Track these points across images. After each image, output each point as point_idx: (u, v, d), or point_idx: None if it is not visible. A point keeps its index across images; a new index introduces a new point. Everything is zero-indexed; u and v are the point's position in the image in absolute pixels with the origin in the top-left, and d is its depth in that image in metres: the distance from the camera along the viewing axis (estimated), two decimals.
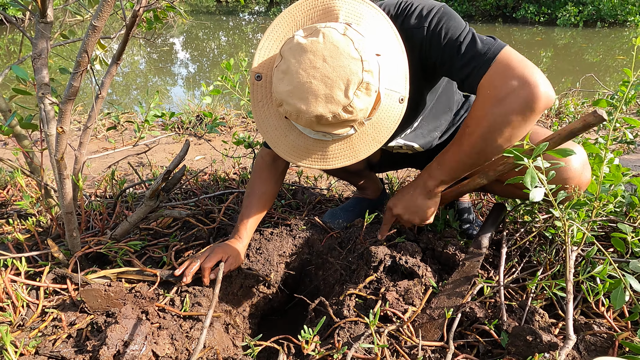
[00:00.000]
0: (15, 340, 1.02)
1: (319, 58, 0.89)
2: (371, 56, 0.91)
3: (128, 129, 3.08)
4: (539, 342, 0.94)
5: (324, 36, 0.89)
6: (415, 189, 1.22)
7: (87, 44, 0.98)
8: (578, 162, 1.10)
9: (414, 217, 1.24)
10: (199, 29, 12.12)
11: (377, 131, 1.02)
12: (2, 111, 1.49)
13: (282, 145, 1.06)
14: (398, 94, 0.99)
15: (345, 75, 0.88)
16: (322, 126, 0.94)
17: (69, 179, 1.17)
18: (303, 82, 0.90)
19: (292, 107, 0.92)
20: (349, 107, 0.90)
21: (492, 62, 0.99)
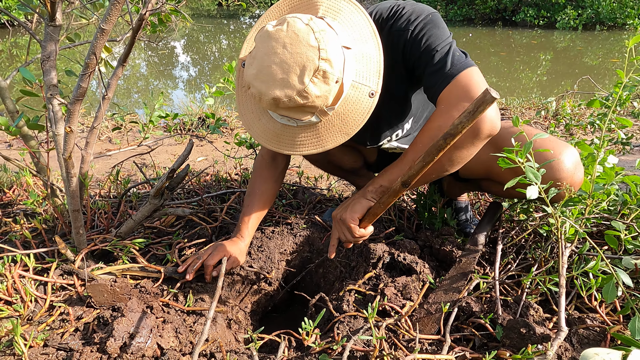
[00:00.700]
0: (25, 333, 1.06)
1: (280, 44, 0.94)
2: (333, 47, 0.94)
3: (131, 131, 3.11)
4: (532, 334, 0.97)
5: (287, 25, 0.95)
6: (355, 195, 1.24)
7: (95, 47, 1.02)
8: (570, 163, 1.13)
9: (344, 212, 1.19)
10: (200, 32, 12.18)
11: (344, 122, 1.05)
12: (10, 112, 1.53)
13: (255, 128, 1.13)
14: (368, 87, 1.03)
15: (302, 62, 0.93)
16: (282, 110, 0.99)
17: (76, 177, 1.20)
18: (265, 66, 0.96)
19: (256, 89, 0.98)
20: (303, 92, 0.94)
21: (453, 79, 1.04)
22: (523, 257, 1.35)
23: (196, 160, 2.67)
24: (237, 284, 1.40)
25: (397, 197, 1.08)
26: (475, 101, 0.81)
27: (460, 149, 1.05)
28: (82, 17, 1.78)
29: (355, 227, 1.18)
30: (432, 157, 0.90)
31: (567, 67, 7.39)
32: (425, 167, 0.93)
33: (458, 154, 1.06)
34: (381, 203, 1.13)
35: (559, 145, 1.15)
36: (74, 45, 1.44)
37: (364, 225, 1.19)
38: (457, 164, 1.09)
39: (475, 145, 1.05)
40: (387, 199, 1.10)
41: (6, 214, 1.69)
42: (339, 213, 1.22)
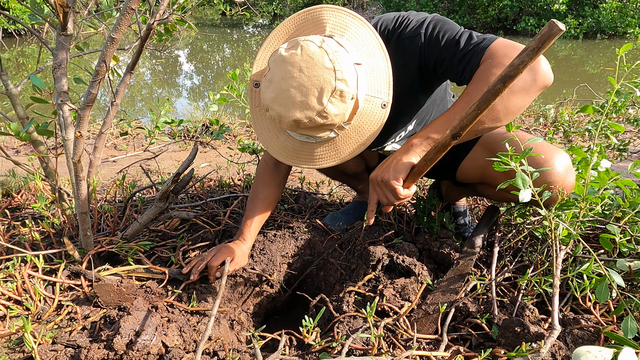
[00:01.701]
0: (34, 331, 1.09)
1: (296, 69, 0.98)
2: (347, 66, 0.99)
3: (136, 137, 3.16)
4: (527, 333, 1.00)
5: (301, 49, 0.99)
6: (397, 151, 1.16)
7: (105, 55, 1.06)
8: (562, 167, 1.17)
9: (386, 173, 1.12)
10: (204, 41, 12.32)
11: (360, 134, 1.10)
12: (20, 118, 1.58)
13: (274, 146, 1.17)
14: (380, 99, 1.07)
15: (319, 84, 0.97)
16: (302, 129, 1.04)
17: (84, 181, 1.24)
18: (283, 90, 1.00)
19: (275, 112, 1.02)
20: (323, 112, 0.99)
21: (489, 47, 1.04)
22: (520, 259, 1.38)
23: (200, 166, 2.72)
24: (240, 285, 1.43)
25: (445, 150, 1.00)
26: (540, 35, 0.74)
27: (517, 95, 1.01)
28: (90, 26, 1.83)
29: (399, 188, 1.10)
30: (488, 102, 0.84)
31: (568, 75, 7.44)
32: (479, 115, 0.87)
33: (514, 102, 1.02)
34: (427, 160, 1.05)
35: (551, 149, 1.18)
36: (83, 54, 1.49)
37: (407, 185, 1.12)
38: (511, 114, 1.04)
39: (530, 95, 1.02)
40: (435, 155, 1.02)
41: (15, 218, 1.73)
42: (380, 174, 1.14)
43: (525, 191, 1.02)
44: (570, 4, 11.84)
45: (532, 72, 1.00)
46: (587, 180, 1.19)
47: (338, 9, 1.10)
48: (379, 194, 1.17)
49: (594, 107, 1.29)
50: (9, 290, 1.18)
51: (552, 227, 1.09)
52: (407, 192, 1.12)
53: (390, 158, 1.15)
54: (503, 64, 0.99)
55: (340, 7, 1.10)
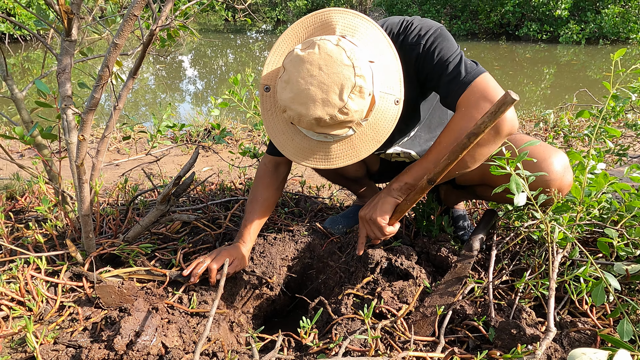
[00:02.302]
0: (36, 331, 1.11)
1: (315, 67, 1.00)
2: (364, 63, 1.01)
3: (139, 142, 3.19)
4: (523, 335, 1.00)
5: (319, 47, 1.00)
6: (381, 194, 1.30)
7: (108, 60, 1.09)
8: (559, 166, 1.18)
9: (373, 212, 1.26)
10: (208, 46, 12.41)
11: (375, 131, 1.11)
12: (25, 122, 1.60)
13: (289, 148, 1.17)
14: (393, 96, 1.09)
15: (340, 81, 0.99)
16: (322, 127, 1.05)
17: (87, 184, 1.26)
18: (302, 89, 1.01)
19: (294, 111, 1.03)
20: (344, 108, 1.00)
21: (470, 84, 1.11)
22: (517, 262, 1.38)
23: (202, 170, 2.74)
24: (240, 288, 1.44)
25: (423, 194, 1.16)
26: (497, 102, 0.89)
27: (482, 147, 1.11)
28: (95, 32, 1.86)
29: (385, 225, 1.25)
30: (456, 155, 0.98)
31: (570, 80, 7.45)
32: (450, 165, 1.01)
33: (480, 152, 1.12)
34: (408, 200, 1.20)
35: (548, 149, 1.20)
36: (87, 59, 1.51)
37: (392, 222, 1.26)
38: (478, 161, 1.15)
39: (496, 143, 1.11)
40: (414, 196, 1.18)
41: (19, 220, 1.75)
42: (367, 213, 1.28)
43: (519, 195, 1.03)
44: (573, 9, 11.87)
45: (495, 126, 1.08)
46: (584, 184, 1.20)
47: (346, 11, 1.12)
48: (368, 230, 1.31)
49: (590, 112, 1.30)
50: (12, 291, 1.19)
51: (548, 230, 1.10)
52: (392, 229, 1.27)
53: (376, 198, 1.30)
54: (473, 117, 1.09)
55: (348, 10, 1.12)
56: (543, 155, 1.18)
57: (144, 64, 9.02)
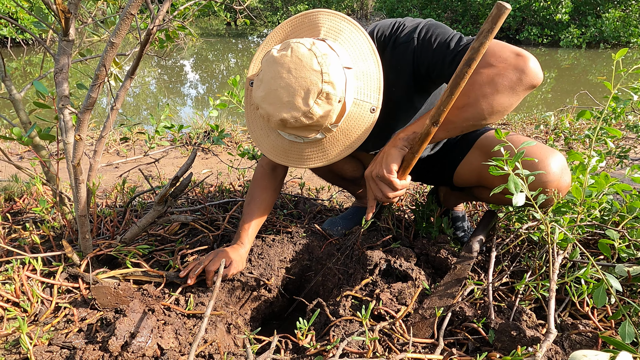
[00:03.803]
0: (30, 333, 1.09)
1: (285, 69, 1.01)
2: (335, 69, 1.01)
3: (138, 144, 3.19)
4: (523, 337, 0.99)
5: (292, 50, 1.01)
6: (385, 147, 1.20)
7: (105, 59, 1.08)
8: (557, 167, 1.17)
9: (378, 168, 1.16)
10: (209, 51, 12.44)
11: (347, 137, 1.12)
12: (23, 123, 1.60)
13: (265, 144, 1.20)
14: (369, 104, 1.09)
15: (306, 85, 0.99)
16: (289, 129, 1.06)
17: (84, 184, 1.25)
18: (272, 89, 1.03)
19: (264, 110, 1.05)
20: (309, 113, 1.01)
21: None
22: (517, 264, 1.37)
23: (201, 172, 2.73)
24: (237, 290, 1.43)
25: (428, 139, 1.06)
26: (491, 17, 0.80)
27: (502, 95, 1.02)
28: (94, 34, 1.86)
29: (394, 179, 1.13)
30: (458, 86, 0.90)
31: (571, 84, 7.44)
32: (452, 99, 0.93)
33: (499, 101, 1.03)
34: (413, 151, 1.10)
35: (546, 150, 1.19)
36: (85, 59, 1.51)
37: (400, 177, 1.15)
38: (496, 113, 1.05)
39: (517, 94, 1.02)
40: (419, 145, 1.08)
41: (16, 222, 1.74)
42: (373, 170, 1.18)
43: (518, 195, 1.02)
44: (573, 13, 11.88)
45: (518, 72, 1.01)
46: (585, 184, 1.18)
47: (334, 13, 1.12)
48: (375, 190, 1.19)
49: (591, 112, 1.29)
50: (7, 292, 1.18)
51: (549, 232, 1.09)
52: (404, 183, 1.15)
53: (380, 154, 1.19)
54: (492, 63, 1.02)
55: (336, 12, 1.12)
56: (540, 156, 1.17)
57: (146, 67, 9.05)
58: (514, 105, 1.04)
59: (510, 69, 1.01)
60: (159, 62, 9.97)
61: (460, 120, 1.08)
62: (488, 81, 1.02)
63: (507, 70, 1.01)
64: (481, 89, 1.03)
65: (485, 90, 1.02)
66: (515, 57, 1.01)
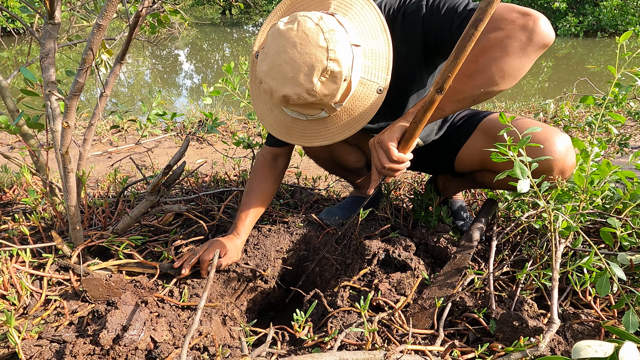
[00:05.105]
0: (19, 326, 1.06)
1: (290, 44, 0.96)
2: (342, 46, 0.96)
3: (131, 134, 3.14)
4: (525, 327, 0.97)
5: (298, 24, 0.97)
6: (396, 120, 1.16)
7: (92, 42, 1.04)
8: (562, 146, 1.14)
9: (380, 136, 1.13)
10: (204, 40, 12.30)
11: (351, 117, 1.08)
12: (11, 111, 1.55)
13: (268, 120, 1.17)
14: (376, 84, 1.05)
15: (310, 62, 0.95)
16: (292, 106, 1.02)
17: (73, 173, 1.21)
18: (276, 64, 0.99)
19: (267, 85, 1.02)
20: (312, 91, 0.97)
21: None
22: (518, 253, 1.35)
23: (195, 162, 2.69)
24: (233, 281, 1.40)
25: (432, 108, 1.00)
26: None
27: (513, 57, 0.98)
28: (83, 19, 1.81)
29: (393, 148, 1.10)
30: (464, 50, 0.85)
31: (568, 73, 7.41)
32: (458, 63, 0.87)
33: (510, 64, 0.98)
34: (417, 121, 1.05)
35: (551, 130, 1.16)
36: (73, 43, 1.46)
37: (402, 149, 1.11)
38: (508, 77, 1.00)
39: (528, 55, 0.98)
40: (423, 114, 1.02)
41: (6, 213, 1.70)
42: (376, 137, 1.15)
43: (523, 181, 0.99)
44: (571, 2, 11.80)
45: (528, 31, 0.96)
46: (588, 172, 1.16)
47: None
48: (374, 159, 1.16)
49: (594, 97, 1.26)
50: None
51: (552, 219, 1.06)
52: (402, 156, 1.11)
53: (387, 126, 1.16)
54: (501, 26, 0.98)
55: None
56: (545, 136, 1.14)
57: (140, 57, 8.93)
58: (526, 67, 1.00)
59: (519, 30, 0.96)
60: (153, 51, 9.85)
61: (471, 89, 1.03)
62: (497, 44, 0.98)
63: (516, 31, 0.96)
64: (490, 53, 0.99)
65: (495, 53, 0.98)
66: (524, 17, 0.96)
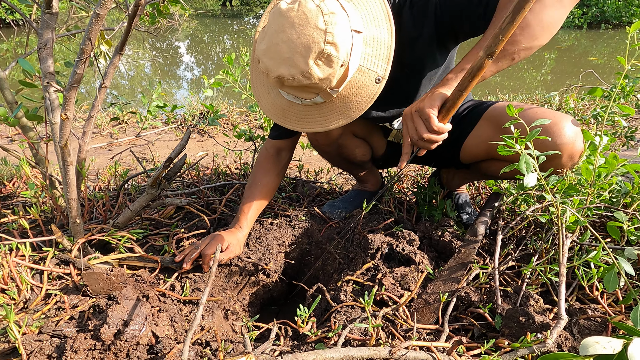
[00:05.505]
0: (19, 321, 1.05)
1: (289, 23, 0.95)
2: (341, 30, 0.94)
3: (132, 127, 3.11)
4: (532, 323, 0.95)
5: (299, 4, 0.95)
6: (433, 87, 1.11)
7: (90, 32, 1.01)
8: (571, 131, 1.13)
9: (420, 103, 1.05)
10: (204, 32, 12.21)
11: (347, 105, 1.06)
12: (9, 103, 1.53)
13: (265, 102, 1.17)
14: (375, 73, 1.02)
15: (307, 43, 0.93)
16: (287, 88, 1.01)
17: (72, 166, 1.20)
18: (273, 43, 0.97)
19: (264, 64, 1.00)
20: (307, 73, 0.95)
21: None
22: (523, 248, 1.33)
23: (197, 154, 2.67)
24: (235, 275, 1.39)
25: (480, 74, 0.94)
26: None
27: (551, 9, 0.97)
28: (81, 9, 1.78)
29: (434, 117, 1.02)
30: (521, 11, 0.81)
31: (571, 66, 7.34)
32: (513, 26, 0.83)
33: (549, 15, 0.97)
34: (461, 88, 0.98)
35: (559, 115, 1.15)
36: (71, 33, 1.44)
37: (442, 119, 1.04)
38: (546, 30, 0.99)
39: (564, 7, 0.98)
40: (469, 81, 0.96)
41: (6, 206, 1.69)
42: (414, 105, 1.07)
43: (529, 175, 0.97)
44: None
45: None
46: (596, 165, 1.14)
47: None
48: (410, 129, 1.09)
49: (603, 89, 1.24)
50: None
51: (559, 214, 1.04)
52: (442, 126, 1.04)
53: (424, 95, 1.08)
54: None
55: None
56: (554, 120, 1.12)
57: (141, 49, 8.88)
58: (562, 19, 0.99)
59: None
60: (153, 43, 9.78)
61: (511, 46, 0.99)
62: None
63: None
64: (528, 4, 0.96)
65: (534, 7, 0.96)
66: None
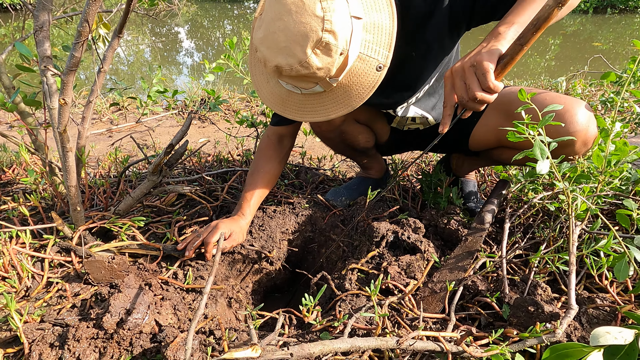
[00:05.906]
0: (21, 309, 1.04)
1: (286, 11, 0.91)
2: (340, 17, 0.90)
3: (133, 112, 3.08)
4: (541, 313, 0.94)
5: None
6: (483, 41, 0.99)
7: (88, 14, 0.98)
8: (584, 117, 1.11)
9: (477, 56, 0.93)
10: (204, 17, 12.06)
11: (347, 94, 1.03)
12: (7, 88, 1.50)
13: (264, 91, 1.13)
14: (376, 60, 0.99)
15: (305, 31, 0.90)
16: (285, 77, 0.98)
17: (72, 152, 1.17)
18: (271, 31, 0.93)
19: (261, 54, 0.97)
20: (304, 63, 0.92)
21: None
22: (531, 236, 1.31)
23: (198, 141, 2.64)
24: (238, 263, 1.37)
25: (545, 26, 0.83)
26: None
27: None
28: None
29: (492, 72, 0.91)
30: None
31: (576, 51, 7.24)
32: None
33: None
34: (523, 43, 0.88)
35: (572, 100, 1.12)
36: (68, 15, 1.40)
37: (497, 75, 0.94)
38: None
39: None
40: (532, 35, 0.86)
41: (5, 193, 1.67)
42: (466, 60, 0.95)
43: (543, 162, 0.94)
44: None
45: None
46: (607, 151, 1.11)
47: None
48: (459, 87, 0.97)
49: (616, 73, 1.20)
50: None
51: (570, 201, 1.02)
52: (497, 84, 0.93)
53: (473, 51, 0.97)
54: None
55: None
56: (566, 106, 1.09)
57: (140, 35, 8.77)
58: None
59: None
60: (152, 29, 9.67)
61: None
62: None
63: None
64: None
65: None
66: None
